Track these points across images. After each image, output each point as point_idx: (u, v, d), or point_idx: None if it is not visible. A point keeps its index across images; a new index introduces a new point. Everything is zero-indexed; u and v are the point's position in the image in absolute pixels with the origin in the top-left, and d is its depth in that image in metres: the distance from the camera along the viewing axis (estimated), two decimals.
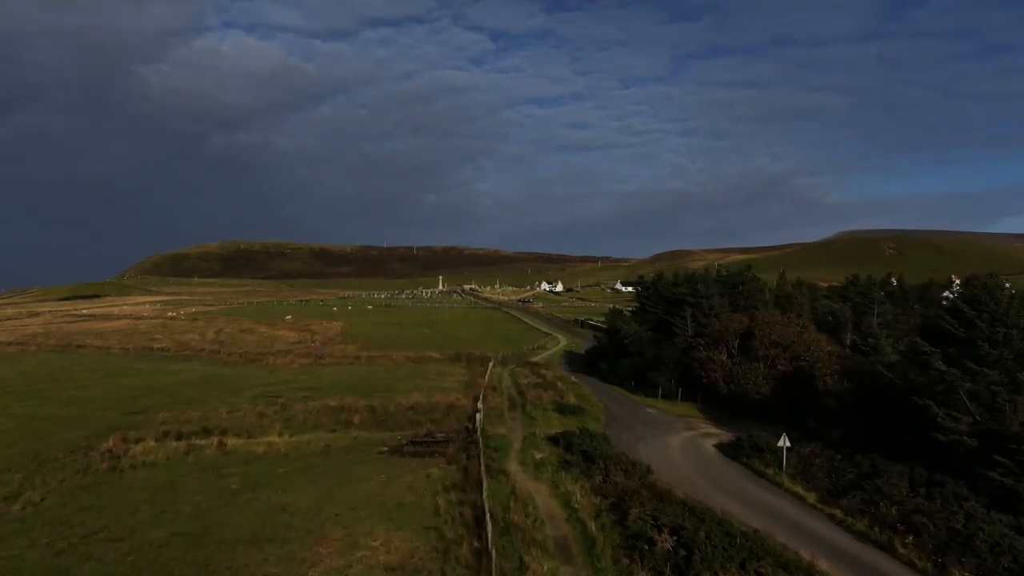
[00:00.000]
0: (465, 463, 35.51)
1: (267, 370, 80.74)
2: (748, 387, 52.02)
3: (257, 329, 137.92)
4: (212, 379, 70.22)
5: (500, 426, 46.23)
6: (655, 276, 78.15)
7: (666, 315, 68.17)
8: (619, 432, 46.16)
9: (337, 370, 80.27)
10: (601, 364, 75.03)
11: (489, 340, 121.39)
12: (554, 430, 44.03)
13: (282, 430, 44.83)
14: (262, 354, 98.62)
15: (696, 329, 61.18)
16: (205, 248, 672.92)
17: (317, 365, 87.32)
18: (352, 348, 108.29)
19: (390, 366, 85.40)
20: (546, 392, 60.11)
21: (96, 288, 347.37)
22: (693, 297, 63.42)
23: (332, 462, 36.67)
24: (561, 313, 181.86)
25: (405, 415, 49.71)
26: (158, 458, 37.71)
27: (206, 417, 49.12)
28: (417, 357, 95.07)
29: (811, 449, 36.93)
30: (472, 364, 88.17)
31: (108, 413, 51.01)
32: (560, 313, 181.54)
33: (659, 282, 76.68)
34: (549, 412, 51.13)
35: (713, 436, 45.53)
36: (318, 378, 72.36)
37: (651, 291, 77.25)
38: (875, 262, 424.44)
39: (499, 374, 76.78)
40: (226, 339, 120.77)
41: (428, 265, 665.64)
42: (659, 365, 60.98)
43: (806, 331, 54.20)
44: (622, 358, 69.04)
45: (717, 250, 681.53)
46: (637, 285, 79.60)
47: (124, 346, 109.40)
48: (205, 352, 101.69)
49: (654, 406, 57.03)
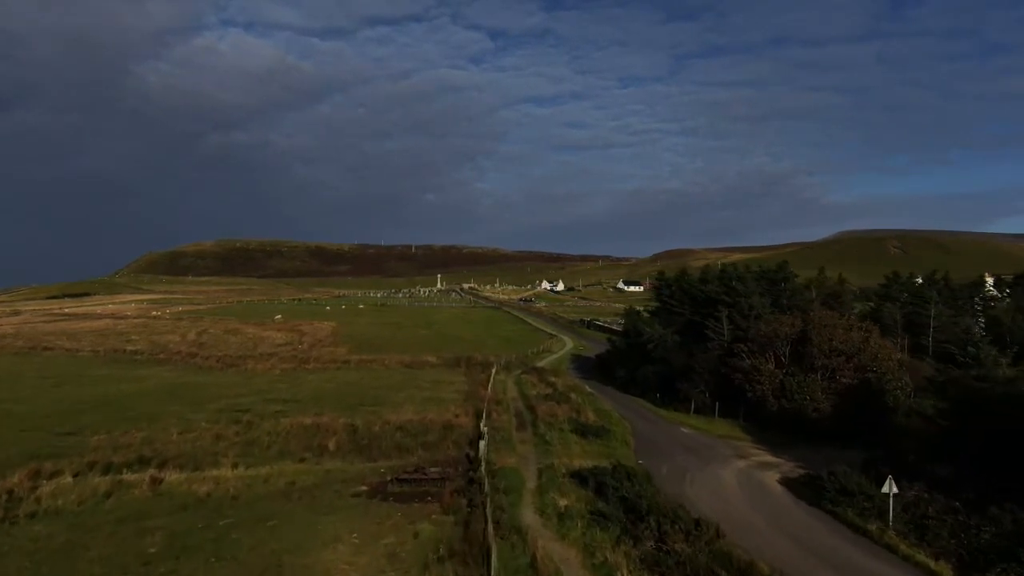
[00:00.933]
0: (466, 513, 26.92)
1: (243, 377, 72.06)
2: (804, 403, 43.44)
3: (243, 330, 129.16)
4: (177, 389, 61.53)
5: (508, 454, 37.59)
6: (678, 273, 69.49)
7: (695, 316, 59.54)
8: (656, 461, 37.53)
9: (321, 377, 71.64)
10: (618, 371, 66.39)
11: (490, 342, 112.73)
12: (577, 461, 35.39)
13: (238, 459, 36.17)
14: (243, 358, 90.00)
15: (733, 333, 52.57)
16: (201, 246, 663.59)
17: (301, 371, 78.64)
18: (342, 351, 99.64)
19: (381, 372, 76.73)
20: (560, 406, 51.48)
21: (86, 286, 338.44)
22: (729, 296, 54.77)
23: (292, 510, 28.02)
24: (565, 313, 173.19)
25: (392, 438, 41.03)
26: (68, 502, 29.05)
27: (151, 440, 40.48)
28: (412, 362, 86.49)
29: (916, 493, 28.32)
30: (472, 370, 79.55)
31: (36, 434, 42.33)
32: (564, 313, 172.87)
33: (683, 279, 68.01)
34: (567, 434, 42.48)
35: (771, 466, 36.92)
36: (298, 387, 63.69)
37: (673, 289, 68.61)
38: (880, 261, 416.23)
39: (503, 382, 68.14)
40: (207, 341, 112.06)
41: (427, 264, 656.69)
42: (690, 375, 52.36)
43: (872, 336, 45.60)
44: (644, 365, 60.43)
45: (719, 249, 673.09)
46: (656, 282, 70.64)
47: (95, 348, 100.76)
48: (181, 355, 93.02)
49: (688, 424, 48.38)
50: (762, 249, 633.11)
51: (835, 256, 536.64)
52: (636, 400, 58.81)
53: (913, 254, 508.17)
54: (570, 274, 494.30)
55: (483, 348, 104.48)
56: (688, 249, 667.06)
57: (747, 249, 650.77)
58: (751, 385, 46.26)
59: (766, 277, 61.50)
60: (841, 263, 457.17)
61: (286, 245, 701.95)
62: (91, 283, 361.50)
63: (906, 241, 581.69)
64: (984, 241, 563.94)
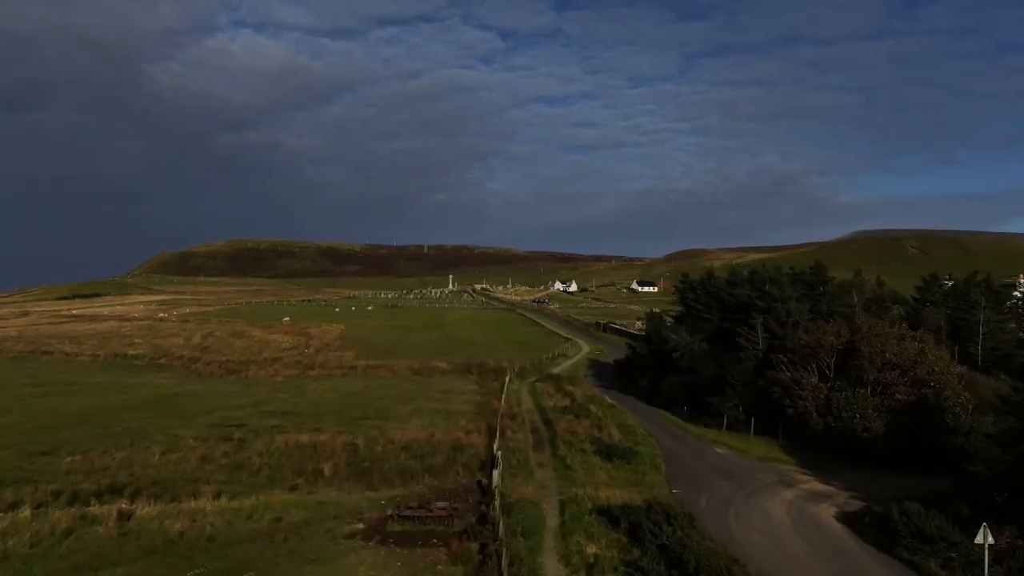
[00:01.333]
0: (477, 562, 22.85)
1: (243, 385, 68.36)
2: (852, 421, 39.00)
3: (249, 333, 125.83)
4: (170, 399, 57.83)
5: (525, 481, 33.47)
6: (703, 275, 65.02)
7: (725, 323, 55.10)
8: (692, 490, 33.28)
9: (325, 385, 67.82)
10: (640, 380, 62.09)
11: (503, 346, 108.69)
12: (604, 492, 31.17)
13: (223, 486, 32.29)
14: (245, 364, 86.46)
15: (769, 342, 48.11)
16: (212, 247, 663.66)
17: (304, 378, 74.89)
18: (349, 355, 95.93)
19: (388, 380, 72.81)
20: (579, 421, 47.29)
21: (97, 287, 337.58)
22: (763, 301, 50.30)
23: (274, 556, 24.05)
24: (580, 315, 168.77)
25: (395, 460, 37.01)
26: (20, 544, 25.23)
27: (130, 462, 36.67)
28: (421, 368, 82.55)
29: (1009, 541, 23.96)
30: (485, 377, 75.55)
31: (5, 454, 38.61)
32: (579, 315, 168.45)
33: (710, 282, 63.53)
34: (590, 456, 38.28)
35: (823, 497, 32.55)
36: (299, 397, 59.88)
37: (699, 293, 64.18)
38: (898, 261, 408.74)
39: (517, 391, 64.07)
40: (212, 344, 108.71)
41: (438, 264, 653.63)
42: (722, 387, 47.99)
43: (927, 346, 41.08)
44: (668, 374, 56.14)
45: (733, 249, 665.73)
46: (680, 285, 66.28)
47: (95, 352, 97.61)
48: (182, 361, 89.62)
49: (721, 442, 44.03)
50: (777, 249, 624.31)
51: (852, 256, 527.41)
52: (661, 413, 54.50)
53: (932, 254, 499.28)
54: (583, 274, 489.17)
55: (496, 353, 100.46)
56: (702, 249, 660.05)
57: (762, 249, 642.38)
58: (792, 400, 41.85)
59: (801, 280, 56.81)
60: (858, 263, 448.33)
61: (297, 245, 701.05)
62: (102, 284, 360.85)
63: (924, 241, 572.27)
64: (1004, 241, 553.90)
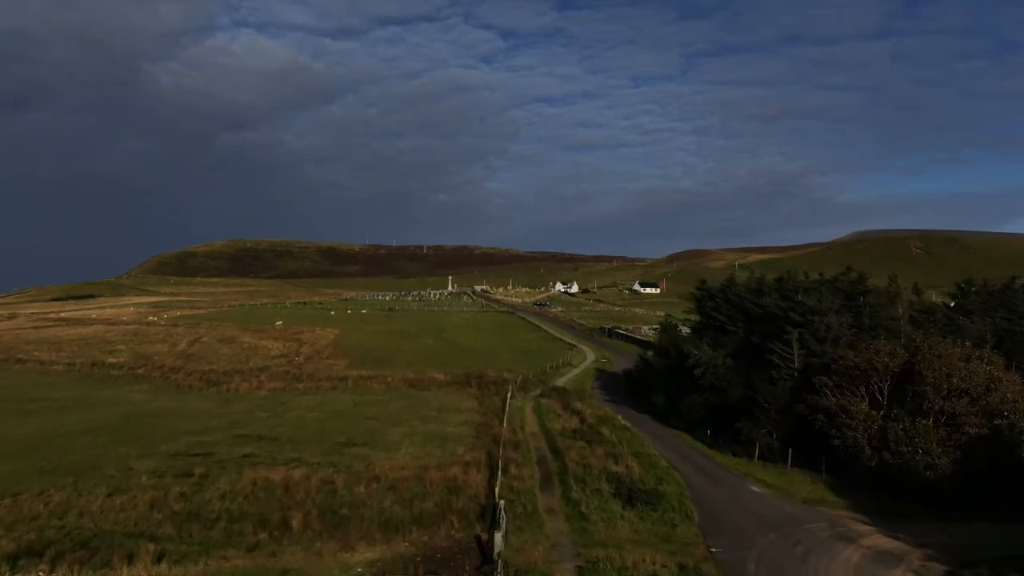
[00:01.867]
0: None
1: (220, 401, 62.81)
2: (914, 458, 33.42)
3: (239, 338, 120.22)
4: (136, 420, 52.26)
5: (534, 537, 27.86)
6: (726, 281, 59.31)
7: (752, 336, 49.46)
8: (734, 548, 27.66)
9: (312, 401, 62.26)
10: (655, 397, 56.49)
11: (504, 353, 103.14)
12: (631, 555, 25.52)
13: (168, 545, 26.69)
14: (229, 374, 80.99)
15: (806, 360, 42.52)
16: (212, 247, 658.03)
17: (290, 391, 69.39)
18: (341, 364, 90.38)
19: (380, 394, 67.25)
20: (592, 449, 41.71)
21: (92, 288, 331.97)
22: (797, 313, 44.65)
23: None
24: (583, 319, 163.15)
25: (379, 504, 31.36)
26: None
27: (65, 508, 31.05)
28: (416, 379, 77.04)
29: None
30: (485, 390, 70.05)
31: None
32: (582, 319, 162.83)
33: (731, 289, 57.87)
34: (608, 500, 32.63)
35: (895, 559, 26.90)
36: (281, 415, 54.33)
37: (719, 301, 58.54)
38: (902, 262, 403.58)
39: (520, 409, 58.46)
40: (198, 351, 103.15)
41: (438, 264, 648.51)
42: (752, 411, 42.42)
43: (996, 369, 35.50)
44: (688, 393, 50.54)
45: (736, 249, 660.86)
46: (698, 292, 60.64)
47: (72, 361, 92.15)
48: (162, 370, 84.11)
49: (757, 478, 38.36)
50: (781, 250, 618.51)
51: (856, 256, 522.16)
52: (682, 437, 48.89)
53: (935, 254, 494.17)
54: (584, 275, 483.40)
55: (496, 361, 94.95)
56: (704, 250, 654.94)
57: (765, 249, 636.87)
58: (839, 431, 36.24)
59: (838, 288, 50.92)
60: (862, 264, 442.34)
61: (297, 245, 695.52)
62: (97, 284, 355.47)
63: (927, 241, 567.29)
64: (1008, 241, 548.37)
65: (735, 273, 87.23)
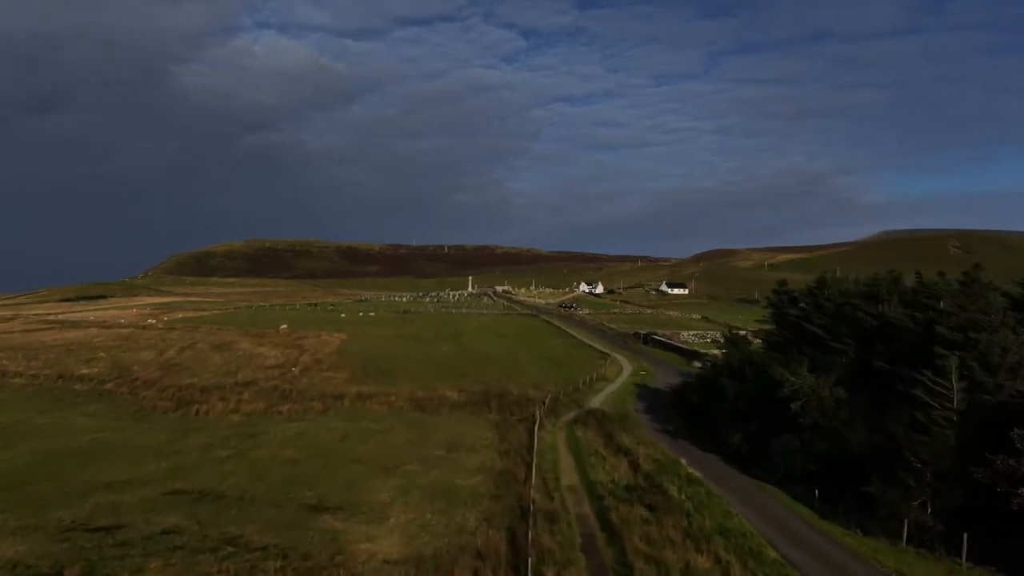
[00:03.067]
0: None
1: (179, 430, 50.85)
2: None
3: (236, 344, 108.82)
4: (51, 463, 40.41)
5: None
6: (817, 281, 45.97)
7: (869, 357, 36.28)
8: None
9: (291, 431, 50.14)
10: (728, 434, 43.51)
11: (528, 363, 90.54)
12: None
13: None
14: (208, 390, 69.59)
15: (968, 396, 29.42)
16: (230, 246, 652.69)
17: (270, 414, 57.44)
18: (341, 378, 78.48)
19: (379, 420, 55.05)
20: (660, 524, 29.03)
21: (104, 288, 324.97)
22: (950, 328, 31.47)
23: None
24: (613, 322, 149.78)
25: None
26: None
27: None
28: (425, 398, 64.91)
29: None
30: (506, 414, 57.72)
31: None
32: (612, 322, 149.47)
33: (824, 291, 44.63)
34: None
35: None
36: (242, 457, 42.21)
37: (808, 308, 45.34)
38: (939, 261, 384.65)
39: (552, 447, 45.72)
40: (185, 360, 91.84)
41: (458, 264, 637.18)
42: (891, 469, 29.38)
43: None
44: (779, 432, 37.52)
45: (764, 249, 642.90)
46: (777, 297, 47.21)
47: (39, 373, 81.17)
48: (134, 385, 72.80)
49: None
50: (809, 249, 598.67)
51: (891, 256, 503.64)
52: (773, 495, 35.91)
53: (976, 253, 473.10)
54: (608, 275, 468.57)
55: (519, 373, 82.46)
56: (731, 249, 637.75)
57: (794, 249, 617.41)
58: None
59: (1007, 295, 36.94)
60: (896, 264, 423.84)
61: (316, 245, 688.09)
62: (110, 285, 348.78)
63: (966, 240, 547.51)
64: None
65: (765, 273, 74.28)
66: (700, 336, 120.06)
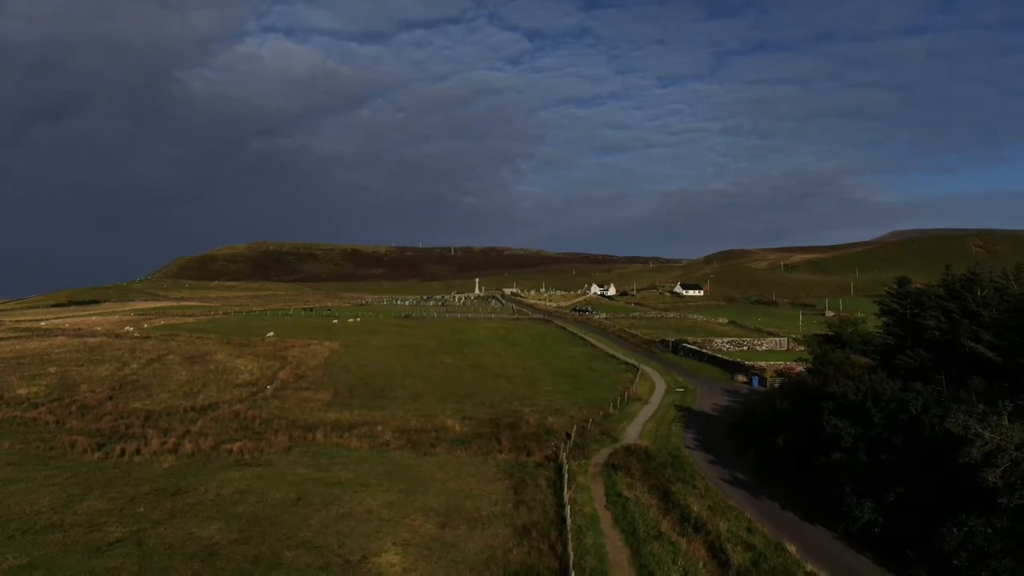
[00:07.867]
0: None
1: (81, 486, 37.54)
2: None
3: (212, 355, 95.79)
4: None
5: None
6: (966, 277, 32.37)
7: None
8: None
9: (232, 486, 36.90)
10: (855, 503, 29.81)
11: (546, 380, 77.08)
12: None
13: None
14: (155, 416, 56.95)
15: None
16: (234, 249, 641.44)
17: (215, 457, 44.13)
18: (320, 400, 65.46)
19: (355, 464, 41.73)
20: None
21: (99, 293, 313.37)
22: None
23: None
24: (634, 328, 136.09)
25: None
26: None
27: None
28: (419, 429, 51.85)
29: None
30: (521, 454, 44.48)
31: None
32: (633, 328, 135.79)
33: (986, 291, 31.20)
34: None
35: None
36: (140, 541, 28.93)
37: (954, 315, 31.85)
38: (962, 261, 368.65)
39: (591, 519, 32.12)
40: (146, 376, 78.70)
41: (465, 266, 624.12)
42: None
43: None
44: (953, 508, 23.94)
45: (777, 249, 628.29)
46: (895, 301, 33.35)
47: None
48: (72, 410, 59.81)
49: None
50: (824, 250, 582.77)
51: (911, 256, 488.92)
52: None
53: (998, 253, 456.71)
54: (618, 277, 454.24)
55: (535, 393, 69.19)
56: (744, 250, 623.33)
57: (808, 249, 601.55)
58: None
59: None
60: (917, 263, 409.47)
61: (320, 248, 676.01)
62: (105, 289, 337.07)
63: (987, 239, 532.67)
64: None
65: (781, 274, 61.26)
66: (735, 344, 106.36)
